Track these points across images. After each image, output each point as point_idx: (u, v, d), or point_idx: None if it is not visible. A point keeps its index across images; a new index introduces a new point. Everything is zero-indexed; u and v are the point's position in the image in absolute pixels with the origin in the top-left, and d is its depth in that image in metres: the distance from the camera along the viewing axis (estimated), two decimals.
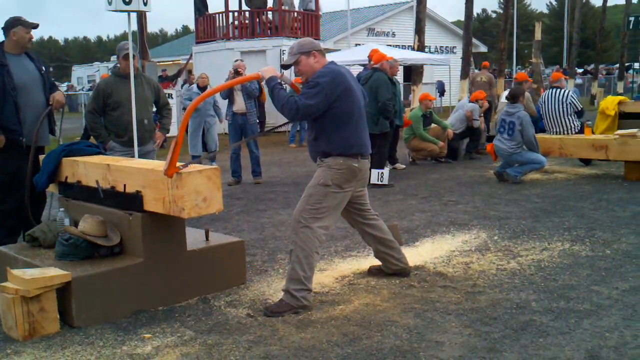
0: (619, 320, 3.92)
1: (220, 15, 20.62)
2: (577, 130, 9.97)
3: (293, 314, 4.20)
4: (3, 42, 5.68)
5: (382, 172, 9.18)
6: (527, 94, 12.15)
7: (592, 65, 34.21)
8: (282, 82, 4.47)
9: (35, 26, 5.69)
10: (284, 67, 4.67)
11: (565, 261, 5.22)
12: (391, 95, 9.21)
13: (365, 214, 4.81)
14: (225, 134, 14.69)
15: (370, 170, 9.03)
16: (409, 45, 24.91)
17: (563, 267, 5.05)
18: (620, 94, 21.43)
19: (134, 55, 6.25)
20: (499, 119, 9.53)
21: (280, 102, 4.33)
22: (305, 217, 4.33)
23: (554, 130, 10.06)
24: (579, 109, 9.97)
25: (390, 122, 9.46)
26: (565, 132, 9.95)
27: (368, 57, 10.72)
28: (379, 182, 9.12)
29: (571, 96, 9.98)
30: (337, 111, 4.33)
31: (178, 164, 4.08)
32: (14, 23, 5.62)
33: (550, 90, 10.27)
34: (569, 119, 9.91)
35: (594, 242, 5.77)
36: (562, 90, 10.08)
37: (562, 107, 9.90)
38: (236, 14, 20.68)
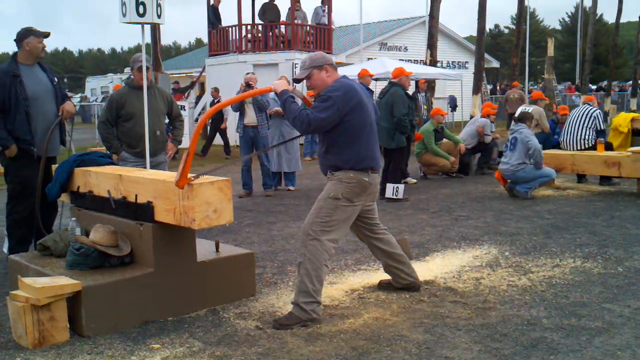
0: (631, 338, 3.89)
1: (234, 28, 20.75)
2: (590, 145, 9.98)
3: (302, 327, 4.19)
4: (16, 53, 5.74)
5: (397, 187, 9.16)
6: (540, 109, 12.18)
7: (605, 82, 34.12)
8: (294, 96, 4.48)
9: (47, 35, 5.73)
10: (296, 80, 4.69)
11: (577, 278, 5.18)
12: (407, 110, 9.20)
13: (374, 229, 4.81)
14: (237, 146, 14.76)
15: (385, 185, 9.12)
16: (421, 60, 24.96)
17: (574, 284, 5.01)
18: (634, 111, 21.36)
19: (147, 68, 6.29)
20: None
21: (292, 115, 4.34)
22: (314, 230, 4.33)
23: (568, 138, 10.14)
24: (601, 127, 10.07)
25: (407, 137, 9.46)
26: (578, 143, 9.99)
27: (358, 75, 10.92)
28: (394, 197, 9.10)
29: (598, 112, 10.19)
30: (349, 125, 4.34)
31: (189, 175, 4.10)
32: (25, 34, 5.68)
33: (584, 104, 10.61)
34: (586, 130, 9.99)
35: (606, 260, 5.72)
36: (592, 107, 10.36)
37: (585, 118, 10.11)
38: (249, 27, 20.81)
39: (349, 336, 4.03)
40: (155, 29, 17.10)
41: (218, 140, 20.15)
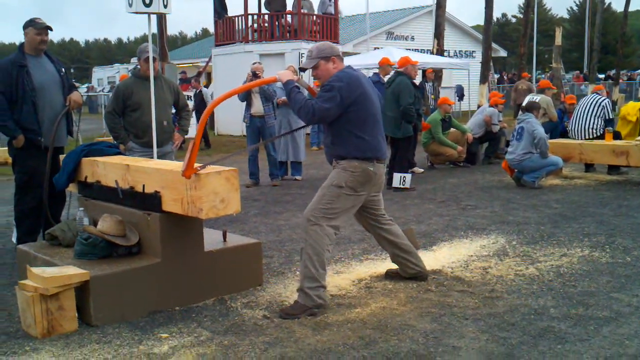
0: (639, 327, 3.87)
1: (240, 18, 20.70)
2: (598, 134, 9.95)
3: (309, 315, 4.19)
4: (23, 43, 5.74)
5: (404, 176, 9.14)
6: (548, 98, 12.12)
7: (614, 71, 33.90)
8: (300, 86, 4.48)
9: (47, 28, 5.69)
10: (302, 70, 4.68)
11: (585, 267, 5.17)
12: (413, 99, 9.18)
13: (380, 219, 4.79)
14: (243, 136, 14.77)
15: (392, 174, 9.11)
16: (428, 49, 24.85)
17: (582, 274, 5.00)
18: None
19: (154, 58, 6.28)
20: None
21: (297, 105, 4.34)
22: (315, 216, 4.32)
23: (576, 127, 10.14)
24: (609, 117, 10.05)
25: (413, 126, 9.44)
26: (587, 132, 9.99)
27: (379, 63, 10.95)
28: (401, 186, 9.08)
29: (607, 101, 10.19)
30: (353, 115, 4.33)
31: (196, 165, 4.10)
32: (27, 24, 5.69)
33: (592, 94, 10.65)
34: (595, 119, 9.98)
35: (614, 249, 5.70)
36: (601, 96, 10.36)
37: (593, 107, 10.12)
38: (255, 17, 20.75)
39: (356, 325, 4.03)
40: (161, 18, 17.04)
41: (226, 129, 20.19)
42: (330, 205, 4.35)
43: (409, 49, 22.75)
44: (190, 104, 15.03)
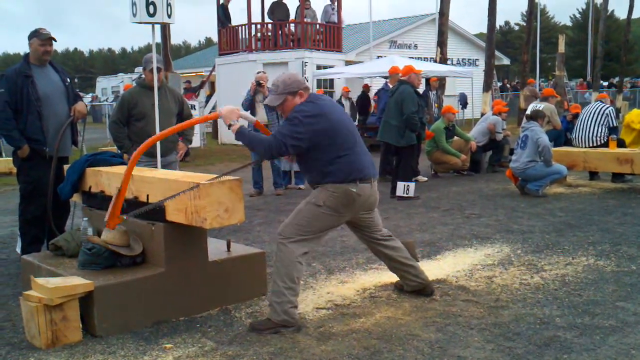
0: None
1: (243, 27, 20.78)
2: (602, 142, 9.94)
3: (274, 332, 4.07)
4: (28, 53, 5.77)
5: (407, 185, 9.12)
6: (552, 106, 12.12)
7: (617, 78, 33.88)
8: (249, 122, 4.30)
9: (50, 39, 5.70)
10: (269, 107, 4.56)
11: (590, 276, 5.15)
12: (416, 107, 9.18)
13: (375, 235, 4.61)
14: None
15: (396, 183, 9.09)
16: (431, 58, 24.87)
17: (587, 283, 4.98)
18: None
19: (159, 68, 6.30)
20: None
21: (262, 144, 4.20)
22: (287, 231, 4.19)
23: (580, 135, 10.15)
24: (613, 124, 10.06)
25: (417, 135, 9.44)
26: (590, 140, 9.99)
27: (388, 72, 10.95)
28: (405, 195, 9.07)
29: (611, 109, 10.21)
30: (325, 146, 4.13)
31: (207, 180, 4.08)
32: (32, 34, 5.72)
33: (596, 102, 10.72)
34: (599, 127, 10.00)
35: (620, 257, 5.68)
36: (605, 104, 10.41)
37: (597, 115, 10.16)
38: (259, 26, 20.82)
39: (361, 335, 4.02)
40: (165, 28, 17.12)
41: (229, 139, 20.20)
42: (306, 223, 4.19)
43: (412, 58, 22.76)
44: (195, 113, 15.07)
